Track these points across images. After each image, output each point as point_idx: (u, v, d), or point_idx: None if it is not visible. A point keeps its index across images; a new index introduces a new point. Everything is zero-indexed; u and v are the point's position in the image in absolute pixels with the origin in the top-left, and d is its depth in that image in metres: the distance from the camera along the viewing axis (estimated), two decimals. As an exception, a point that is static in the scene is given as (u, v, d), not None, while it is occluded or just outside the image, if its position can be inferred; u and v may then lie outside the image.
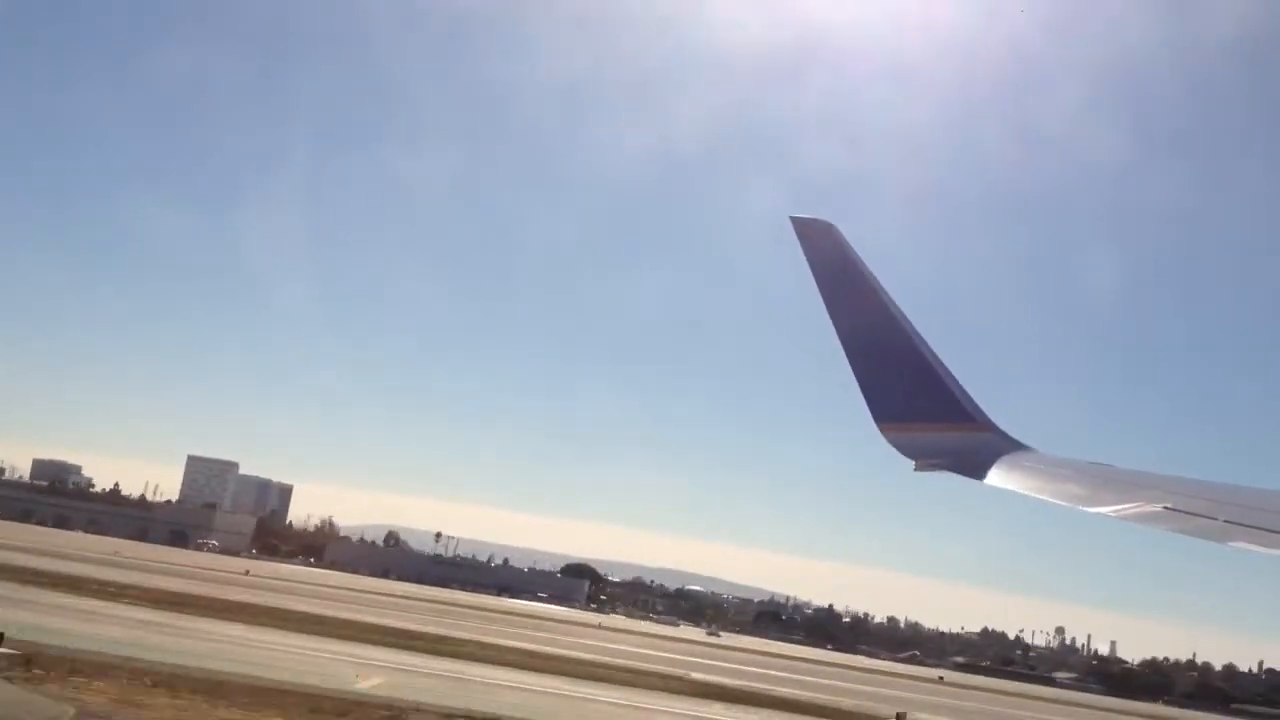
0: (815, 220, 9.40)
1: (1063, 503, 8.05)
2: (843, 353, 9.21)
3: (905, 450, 8.80)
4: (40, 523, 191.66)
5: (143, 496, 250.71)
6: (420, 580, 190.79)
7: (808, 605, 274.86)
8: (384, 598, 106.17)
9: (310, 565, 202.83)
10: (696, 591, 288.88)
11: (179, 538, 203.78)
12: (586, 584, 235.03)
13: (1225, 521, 6.90)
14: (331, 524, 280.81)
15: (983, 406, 9.22)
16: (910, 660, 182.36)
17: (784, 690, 58.35)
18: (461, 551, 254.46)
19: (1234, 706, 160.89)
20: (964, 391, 9.25)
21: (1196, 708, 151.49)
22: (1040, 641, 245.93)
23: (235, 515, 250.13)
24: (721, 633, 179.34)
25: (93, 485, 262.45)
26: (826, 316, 9.25)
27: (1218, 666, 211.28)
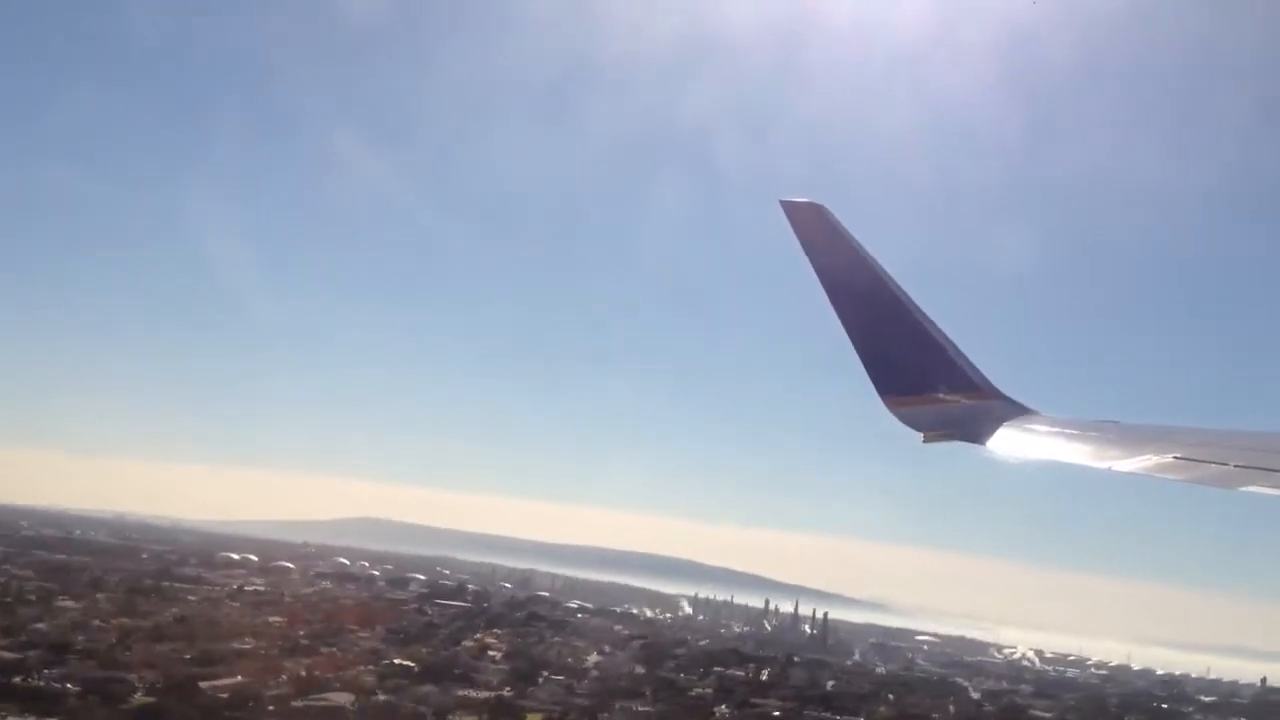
0: (805, 203, 9.37)
1: (1074, 462, 8.06)
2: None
3: (912, 423, 8.80)
4: None
5: None
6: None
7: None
8: None
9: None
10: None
11: None
12: None
13: (1235, 466, 6.91)
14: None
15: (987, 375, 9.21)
16: None
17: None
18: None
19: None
20: (968, 360, 9.24)
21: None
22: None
23: None
24: None
25: None
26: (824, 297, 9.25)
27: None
